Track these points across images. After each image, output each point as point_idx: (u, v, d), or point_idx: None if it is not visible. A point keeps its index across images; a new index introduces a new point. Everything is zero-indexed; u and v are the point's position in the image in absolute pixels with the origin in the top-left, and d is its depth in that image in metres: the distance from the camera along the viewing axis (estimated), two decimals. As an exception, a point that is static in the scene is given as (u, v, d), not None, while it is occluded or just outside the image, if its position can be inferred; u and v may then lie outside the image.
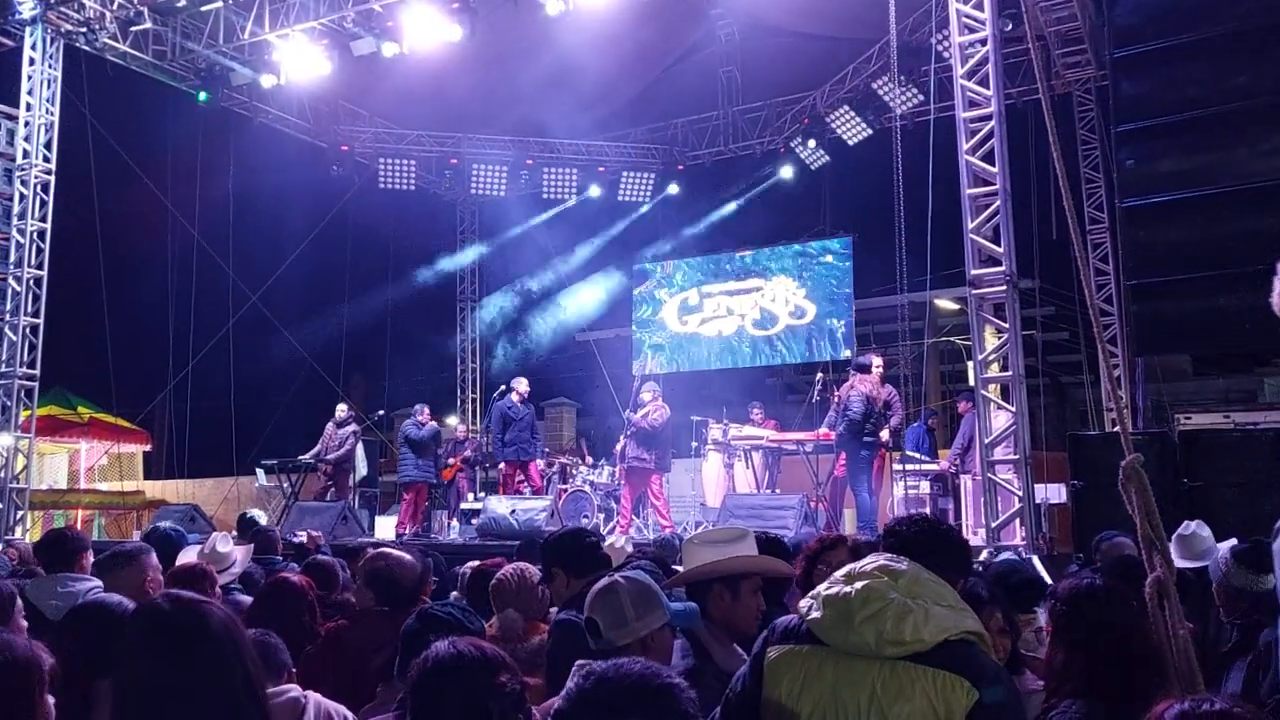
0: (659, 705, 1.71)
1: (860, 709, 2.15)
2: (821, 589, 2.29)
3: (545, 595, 3.95)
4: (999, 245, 8.92)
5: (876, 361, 10.55)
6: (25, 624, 3.54)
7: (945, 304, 18.21)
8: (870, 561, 2.30)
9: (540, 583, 3.96)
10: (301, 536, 8.22)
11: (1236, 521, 5.03)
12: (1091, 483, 7.75)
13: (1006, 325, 8.91)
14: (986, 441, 8.84)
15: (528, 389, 12.90)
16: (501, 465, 13.05)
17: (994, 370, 9.20)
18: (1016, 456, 8.72)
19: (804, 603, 2.32)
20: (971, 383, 9.62)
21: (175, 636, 2.08)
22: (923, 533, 2.61)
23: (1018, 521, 8.58)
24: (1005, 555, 6.19)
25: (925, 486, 10.83)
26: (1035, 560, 7.52)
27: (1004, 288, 8.89)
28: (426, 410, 13.24)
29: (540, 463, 13.40)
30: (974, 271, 9.03)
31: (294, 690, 2.96)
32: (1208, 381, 19.05)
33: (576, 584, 3.30)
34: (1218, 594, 4.12)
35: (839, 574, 2.30)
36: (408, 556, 4.24)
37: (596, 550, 3.59)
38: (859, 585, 2.22)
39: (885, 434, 10.19)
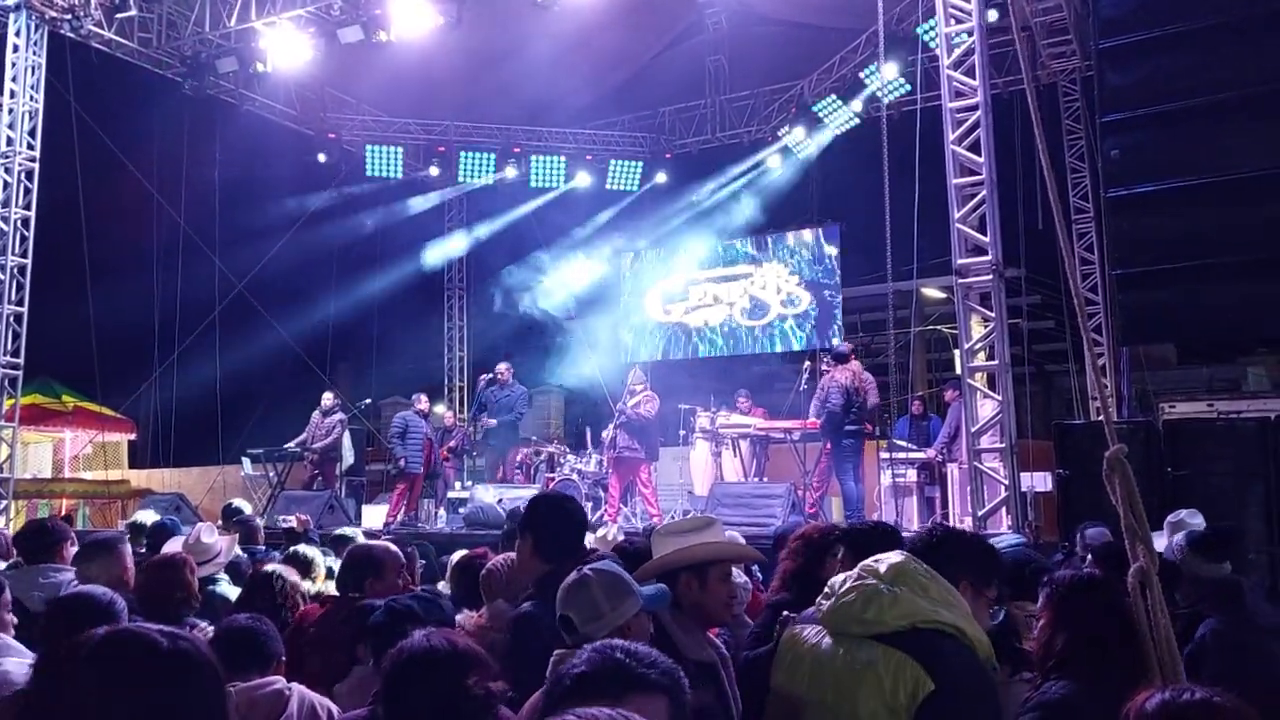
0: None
1: (829, 681, 2.35)
2: (838, 577, 2.53)
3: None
4: (985, 234, 8.95)
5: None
6: (13, 618, 3.52)
7: (932, 293, 18.23)
8: (885, 557, 2.47)
9: (503, 538, 3.92)
10: (291, 521, 8.23)
11: (1221, 510, 5.06)
12: (1077, 471, 7.80)
13: (993, 314, 8.94)
14: (973, 430, 8.88)
15: (504, 372, 12.82)
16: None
17: (980, 359, 9.23)
18: (1003, 445, 8.76)
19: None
20: (958, 371, 9.64)
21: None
22: (941, 540, 2.85)
23: (1004, 510, 8.63)
24: (1009, 541, 6.19)
25: (912, 475, 10.88)
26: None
27: (990, 277, 8.92)
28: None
29: (523, 451, 13.37)
30: (960, 260, 9.05)
31: (278, 682, 2.96)
32: (1192, 370, 19.14)
33: (542, 566, 3.24)
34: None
35: (863, 564, 2.51)
36: (376, 545, 4.32)
37: (580, 537, 3.52)
38: (854, 576, 2.44)
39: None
